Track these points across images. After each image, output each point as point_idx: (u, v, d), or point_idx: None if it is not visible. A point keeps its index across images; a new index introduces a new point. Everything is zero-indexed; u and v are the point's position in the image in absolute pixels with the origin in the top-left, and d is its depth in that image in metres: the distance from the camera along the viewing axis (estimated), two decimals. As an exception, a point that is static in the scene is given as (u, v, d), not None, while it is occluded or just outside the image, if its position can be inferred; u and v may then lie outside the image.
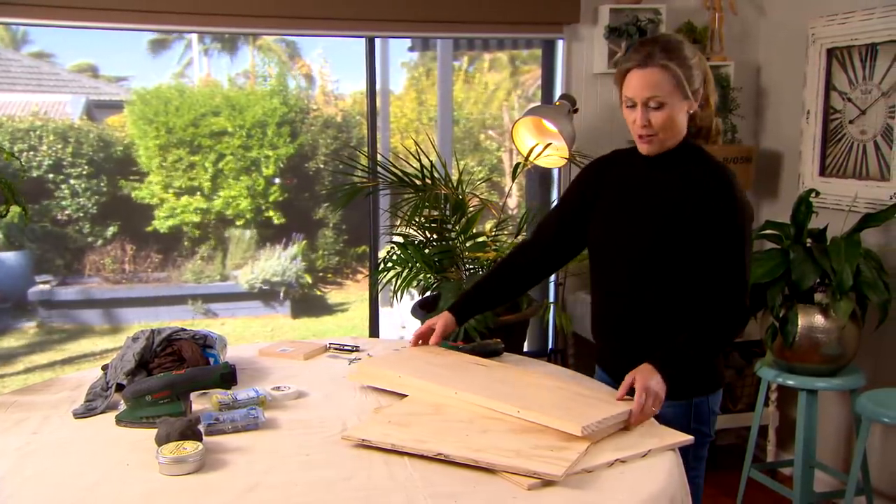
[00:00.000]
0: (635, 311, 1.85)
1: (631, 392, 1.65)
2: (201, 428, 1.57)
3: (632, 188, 1.86)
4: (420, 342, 2.02)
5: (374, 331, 3.58)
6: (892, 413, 2.42)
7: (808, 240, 2.84)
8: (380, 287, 3.33)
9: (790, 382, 2.83)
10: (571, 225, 1.98)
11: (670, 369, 1.69)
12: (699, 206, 1.75)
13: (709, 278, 1.76)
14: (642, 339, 1.84)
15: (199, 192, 7.14)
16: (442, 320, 2.01)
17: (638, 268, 1.82)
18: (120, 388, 1.78)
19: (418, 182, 3.19)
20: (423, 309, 3.20)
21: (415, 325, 3.37)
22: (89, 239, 7.01)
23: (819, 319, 2.73)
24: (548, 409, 1.59)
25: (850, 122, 3.11)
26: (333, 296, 7.89)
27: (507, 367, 1.95)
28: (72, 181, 6.82)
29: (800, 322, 2.73)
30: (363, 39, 3.36)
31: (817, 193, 2.95)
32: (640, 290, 1.83)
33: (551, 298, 3.61)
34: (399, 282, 3.16)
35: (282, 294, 7.51)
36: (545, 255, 2.04)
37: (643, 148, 1.81)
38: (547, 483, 1.37)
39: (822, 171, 3.24)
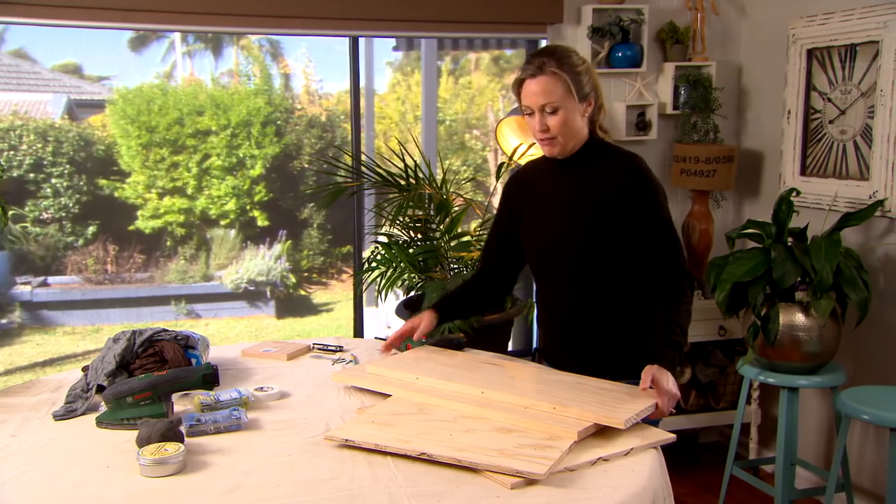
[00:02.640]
0: (581, 307, 1.94)
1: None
2: (183, 429, 1.56)
3: (554, 193, 1.95)
4: (394, 345, 2.05)
5: (358, 331, 3.57)
6: (872, 410, 2.44)
7: (789, 239, 2.87)
8: (364, 287, 3.32)
9: (772, 380, 2.85)
10: (510, 243, 2.07)
11: (674, 364, 1.76)
12: (619, 195, 1.85)
13: (648, 259, 1.86)
14: (592, 330, 1.94)
15: (182, 192, 7.09)
16: (427, 318, 2.05)
17: (575, 265, 1.91)
18: (101, 389, 1.77)
19: (402, 182, 3.19)
20: (408, 308, 3.20)
21: (400, 324, 3.36)
22: (70, 239, 6.94)
23: (800, 318, 2.75)
24: (584, 405, 1.60)
25: (830, 121, 3.14)
26: (318, 296, 7.86)
27: (517, 365, 1.96)
28: (53, 180, 6.75)
29: (781, 320, 2.75)
30: (347, 39, 3.35)
31: (798, 193, 2.98)
32: (581, 285, 1.92)
33: (535, 298, 3.61)
34: (383, 281, 3.16)
35: (267, 294, 7.47)
36: (499, 277, 2.14)
37: (546, 150, 1.92)
38: (530, 482, 1.38)
39: (803, 171, 3.27)
